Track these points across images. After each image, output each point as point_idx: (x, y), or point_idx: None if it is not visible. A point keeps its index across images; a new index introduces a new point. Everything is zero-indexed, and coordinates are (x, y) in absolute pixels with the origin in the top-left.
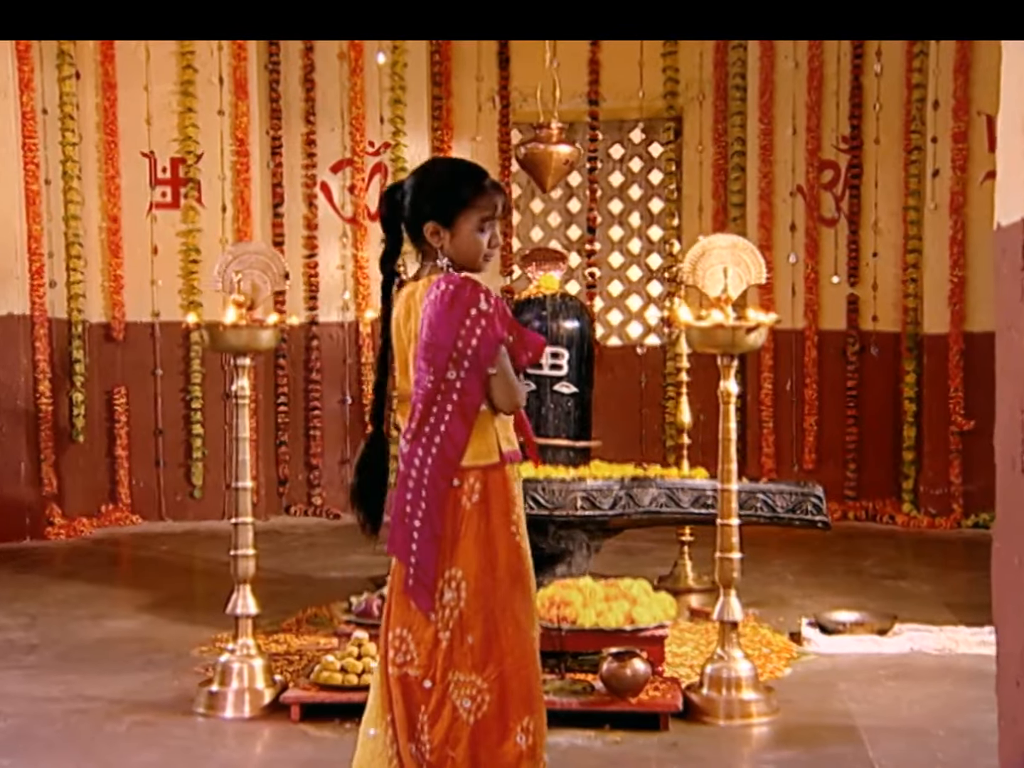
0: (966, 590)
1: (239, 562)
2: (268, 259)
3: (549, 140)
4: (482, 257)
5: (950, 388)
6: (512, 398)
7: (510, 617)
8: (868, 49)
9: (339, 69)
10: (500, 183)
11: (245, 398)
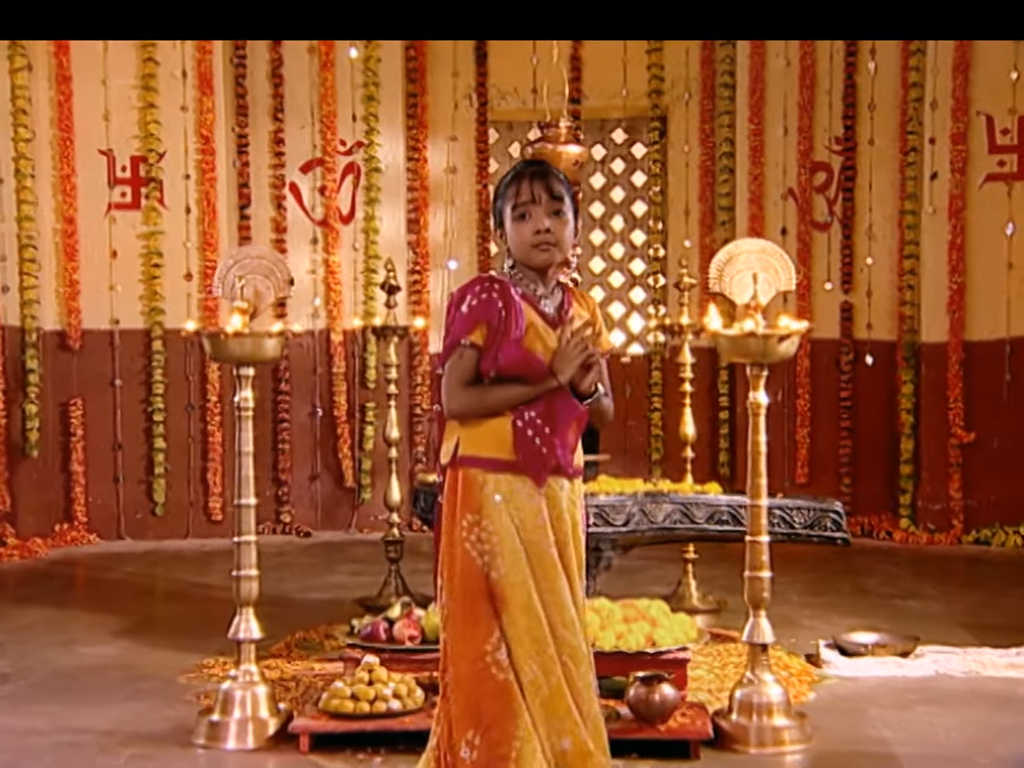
0: (979, 610)
1: (241, 583)
2: (271, 264)
3: (557, 140)
4: (530, 247)
5: (949, 399)
6: (447, 403)
7: (458, 630)
8: (862, 47)
9: (309, 64)
10: (545, 168)
11: (248, 410)
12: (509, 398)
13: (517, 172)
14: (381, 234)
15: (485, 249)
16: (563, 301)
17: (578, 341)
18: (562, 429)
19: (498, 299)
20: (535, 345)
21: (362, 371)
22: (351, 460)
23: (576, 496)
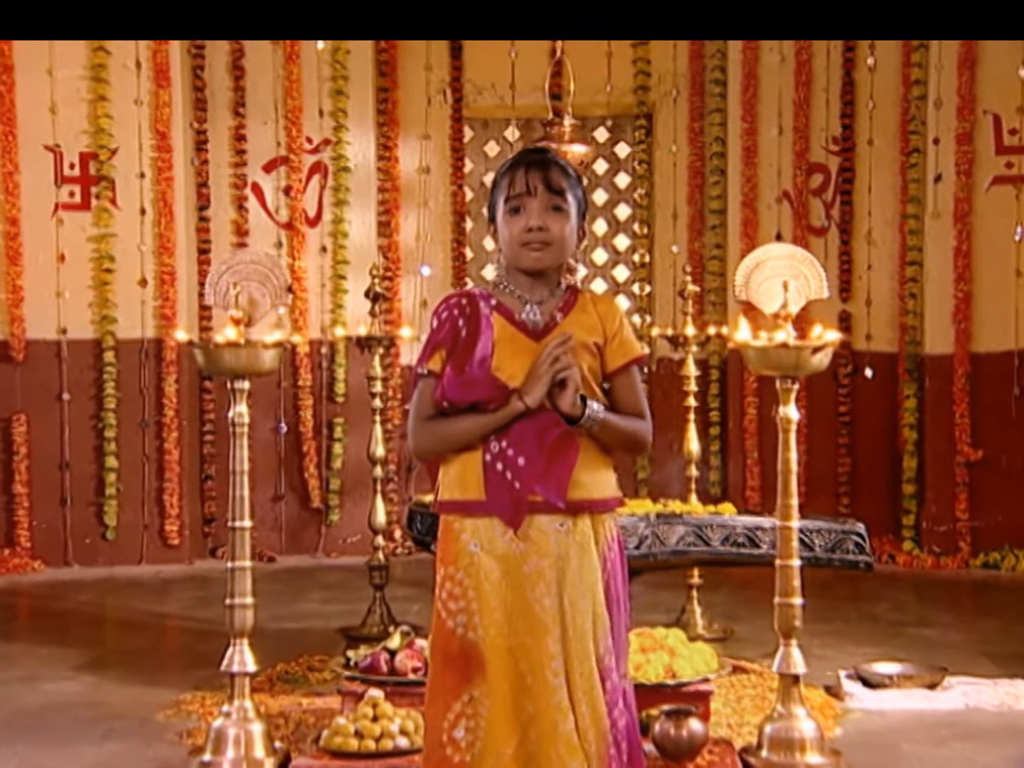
0: (1000, 639)
1: (235, 612)
2: (267, 269)
3: (561, 138)
4: (519, 246)
5: (955, 414)
6: (410, 441)
7: (426, 699)
8: (861, 42)
9: (272, 56)
10: (546, 156)
11: (244, 426)
12: (471, 429)
13: (515, 160)
14: (350, 238)
15: (460, 254)
16: (560, 308)
17: (546, 356)
18: (542, 459)
19: (458, 317)
20: (510, 364)
21: (330, 384)
22: (318, 479)
23: (583, 536)
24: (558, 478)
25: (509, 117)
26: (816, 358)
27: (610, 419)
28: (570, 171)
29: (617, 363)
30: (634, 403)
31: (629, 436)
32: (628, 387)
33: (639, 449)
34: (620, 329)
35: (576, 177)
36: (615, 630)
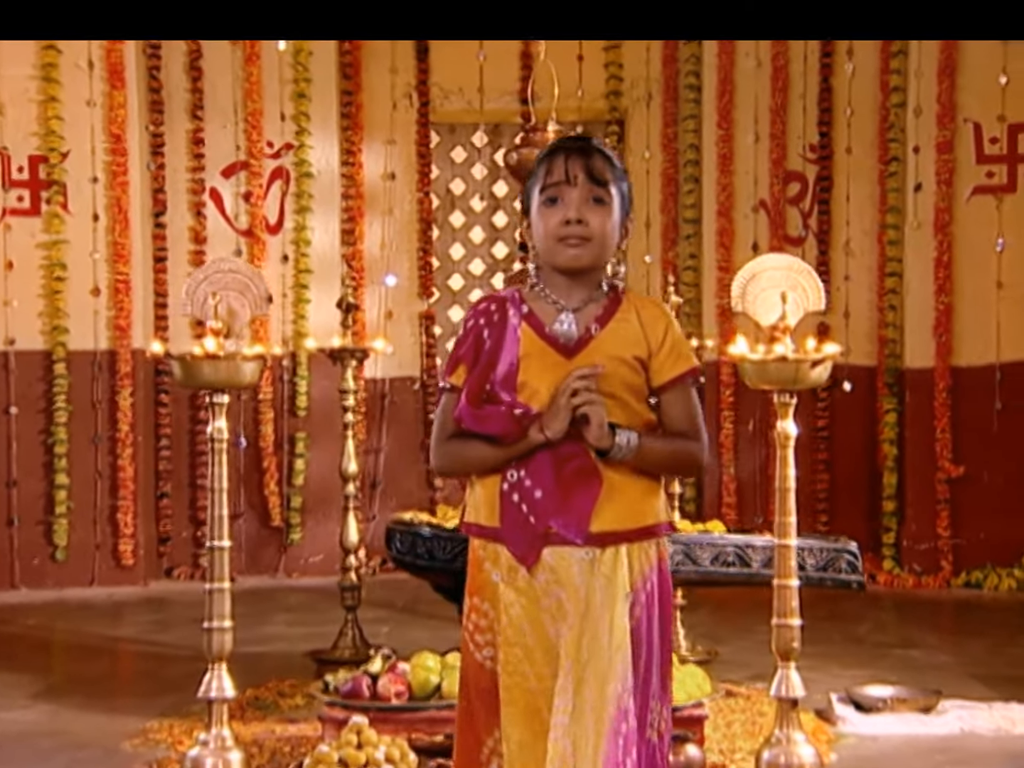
0: (989, 660)
1: (214, 636)
2: (247, 279)
3: (543, 145)
4: (554, 241)
5: (936, 429)
6: (431, 456)
7: (455, 735)
8: (838, 47)
9: (231, 56)
10: (588, 143)
11: (222, 441)
12: (489, 457)
13: (553, 146)
14: (313, 246)
15: (427, 264)
16: (598, 318)
17: (566, 387)
18: (560, 491)
19: (484, 327)
20: (537, 382)
21: (292, 397)
22: (279, 497)
23: (609, 567)
24: (578, 512)
25: (477, 122)
26: (816, 371)
27: (647, 446)
28: (615, 160)
29: (664, 377)
30: (685, 421)
31: (673, 461)
32: (678, 403)
33: (689, 472)
34: (667, 338)
35: (622, 168)
36: (645, 671)
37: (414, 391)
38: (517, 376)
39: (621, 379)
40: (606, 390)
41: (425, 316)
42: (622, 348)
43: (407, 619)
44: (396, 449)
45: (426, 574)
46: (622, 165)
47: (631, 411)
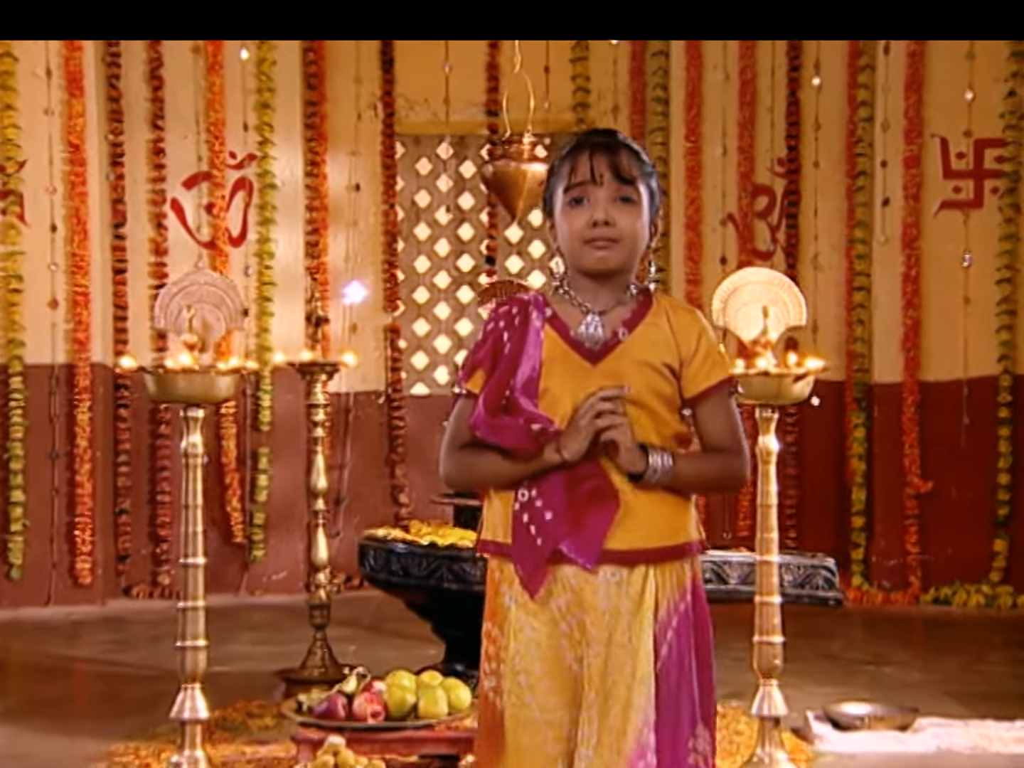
0: (963, 677)
1: (187, 655)
2: (222, 292)
3: (520, 157)
4: (581, 243)
5: (905, 444)
6: (440, 465)
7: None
8: (806, 60)
9: (193, 65)
10: (614, 139)
11: (197, 456)
12: (501, 473)
13: (577, 143)
14: (276, 258)
15: (392, 276)
16: (626, 322)
17: (588, 408)
18: (574, 514)
19: (504, 330)
20: (559, 388)
21: (255, 412)
22: (241, 513)
23: (636, 589)
24: (590, 535)
25: (443, 133)
26: (798, 386)
27: (683, 467)
28: (643, 156)
29: (699, 387)
30: (722, 433)
31: (712, 479)
32: (714, 414)
33: (730, 489)
34: (700, 346)
35: (650, 163)
36: (680, 697)
37: (379, 405)
38: (539, 382)
39: (650, 386)
40: (633, 398)
41: (390, 329)
42: (651, 354)
43: (374, 637)
44: (361, 464)
45: (400, 591)
46: (650, 159)
47: (660, 421)
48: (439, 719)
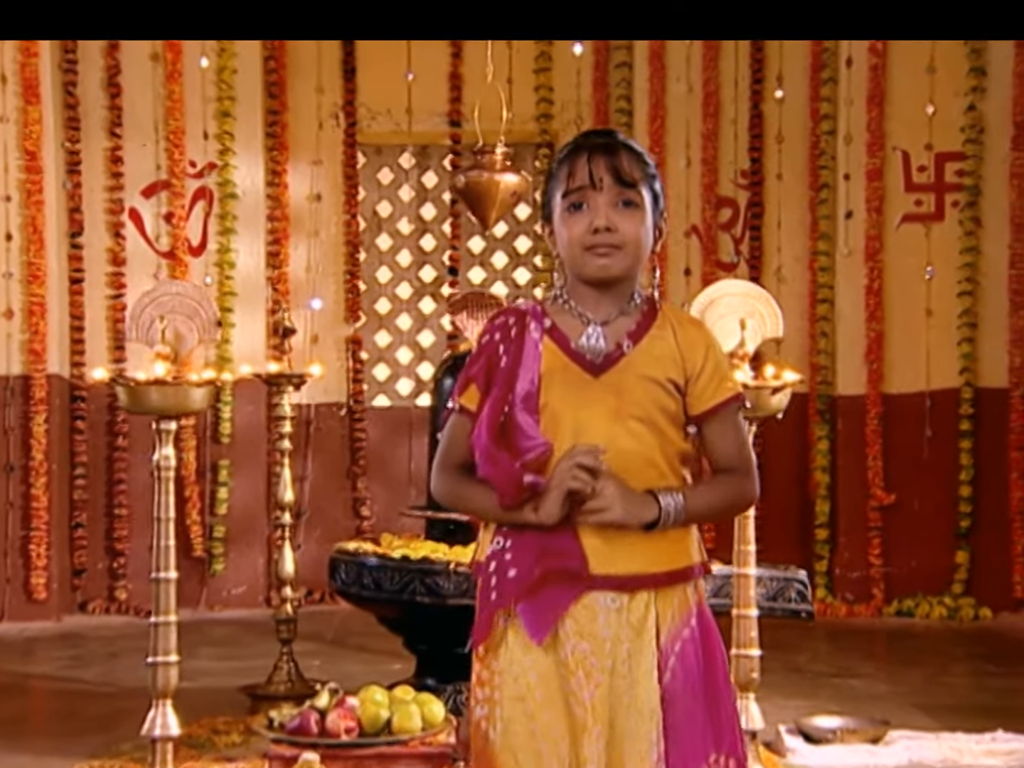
0: (929, 689)
1: (159, 671)
2: (195, 302)
3: (493, 168)
4: (581, 250)
5: (868, 457)
6: (431, 482)
7: None
8: (769, 73)
9: (152, 73)
10: (614, 140)
11: (169, 470)
12: (482, 511)
13: (575, 145)
14: (237, 268)
15: (354, 287)
16: (631, 333)
17: (567, 468)
18: (538, 583)
19: (499, 342)
20: (559, 404)
21: (215, 424)
22: (200, 527)
23: (638, 616)
24: (545, 613)
25: (405, 143)
26: (776, 399)
27: (695, 503)
28: (645, 156)
29: (706, 404)
30: (730, 453)
31: (724, 508)
32: (723, 432)
33: (740, 512)
34: (708, 362)
35: (653, 164)
36: (679, 732)
37: (340, 417)
38: (538, 396)
39: (656, 402)
40: (638, 414)
41: (352, 340)
42: (656, 368)
43: (338, 652)
44: (322, 477)
45: (371, 605)
46: (653, 160)
47: (665, 438)
48: (413, 735)
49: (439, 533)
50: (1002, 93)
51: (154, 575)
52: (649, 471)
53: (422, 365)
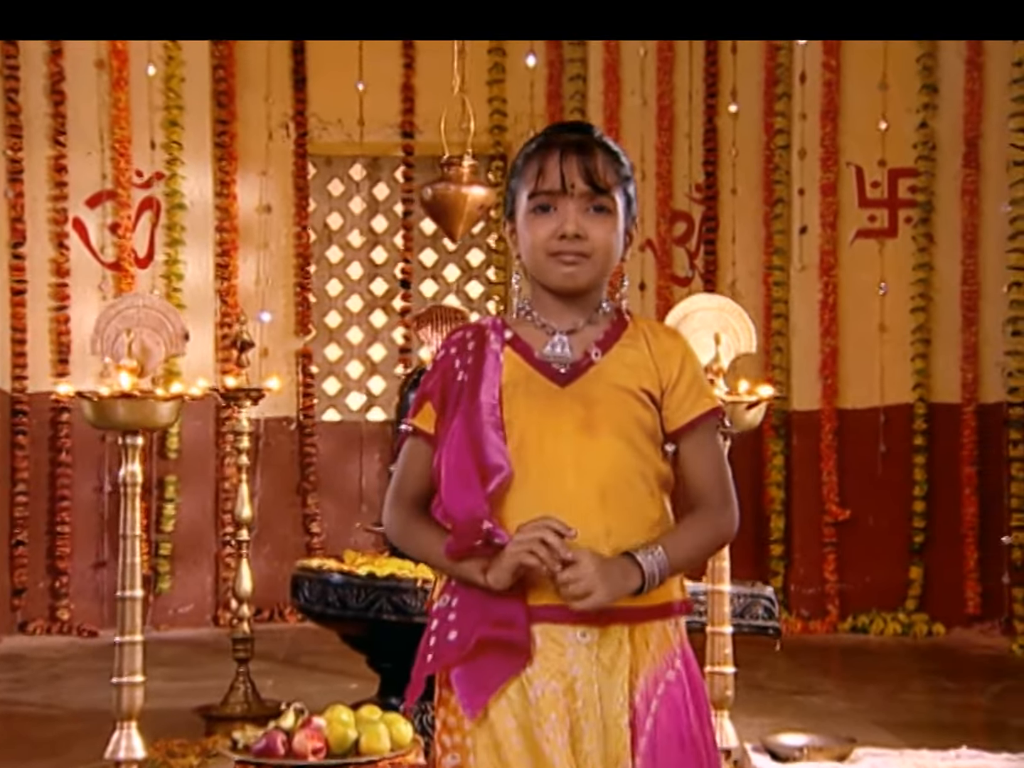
0: (888, 706)
1: (124, 692)
2: (161, 315)
3: (460, 180)
4: (546, 256)
5: (823, 472)
6: (384, 516)
7: None
8: (723, 87)
9: (97, 80)
10: (589, 137)
11: (136, 486)
12: (435, 564)
13: (546, 140)
14: (185, 280)
15: (304, 300)
16: (600, 341)
17: (526, 539)
18: (477, 650)
19: (455, 357)
20: (523, 416)
21: (161, 438)
22: (146, 544)
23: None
24: (480, 684)
25: (356, 154)
26: (751, 414)
27: (676, 556)
28: (621, 156)
29: (684, 418)
30: (708, 479)
31: (706, 551)
32: (700, 452)
33: (721, 549)
34: (685, 372)
35: (629, 165)
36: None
37: (290, 432)
38: (502, 410)
39: (630, 414)
40: (611, 428)
41: (302, 354)
42: (628, 377)
43: (291, 672)
44: (271, 493)
45: (336, 623)
46: (628, 160)
47: (643, 458)
48: (382, 755)
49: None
50: (953, 110)
51: (120, 593)
52: (628, 495)
53: (373, 379)
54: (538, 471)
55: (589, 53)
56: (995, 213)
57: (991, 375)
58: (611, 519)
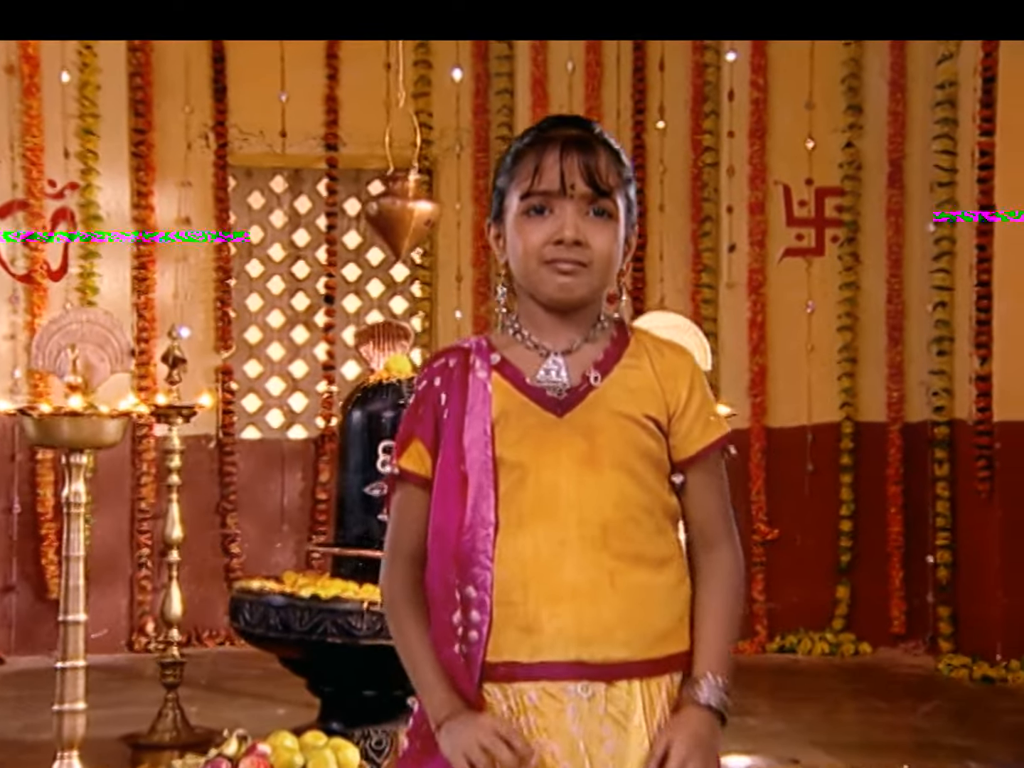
0: (823, 727)
1: (65, 719)
2: (106, 331)
3: (406, 195)
4: (538, 264)
5: (751, 491)
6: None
7: None
8: (651, 103)
9: (7, 86)
10: (589, 133)
11: (80, 506)
12: (407, 662)
13: (544, 135)
14: (101, 294)
15: (224, 315)
16: (599, 363)
17: (481, 738)
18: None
19: (440, 390)
20: (515, 450)
21: None
22: (57, 567)
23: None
24: None
25: (278, 166)
26: None
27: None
28: (623, 155)
29: (692, 448)
30: (714, 518)
31: (738, 614)
32: (708, 487)
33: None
34: (693, 396)
35: (630, 166)
36: None
37: (209, 450)
38: (493, 449)
39: (634, 444)
40: (615, 460)
41: (221, 371)
42: (632, 403)
43: (213, 697)
44: (189, 514)
45: (277, 647)
46: (630, 161)
47: (650, 492)
48: None
49: (347, 571)
50: (878, 131)
51: (62, 617)
52: (635, 534)
53: (294, 396)
54: (534, 513)
55: (516, 67)
56: (920, 233)
57: (916, 394)
58: (616, 562)
